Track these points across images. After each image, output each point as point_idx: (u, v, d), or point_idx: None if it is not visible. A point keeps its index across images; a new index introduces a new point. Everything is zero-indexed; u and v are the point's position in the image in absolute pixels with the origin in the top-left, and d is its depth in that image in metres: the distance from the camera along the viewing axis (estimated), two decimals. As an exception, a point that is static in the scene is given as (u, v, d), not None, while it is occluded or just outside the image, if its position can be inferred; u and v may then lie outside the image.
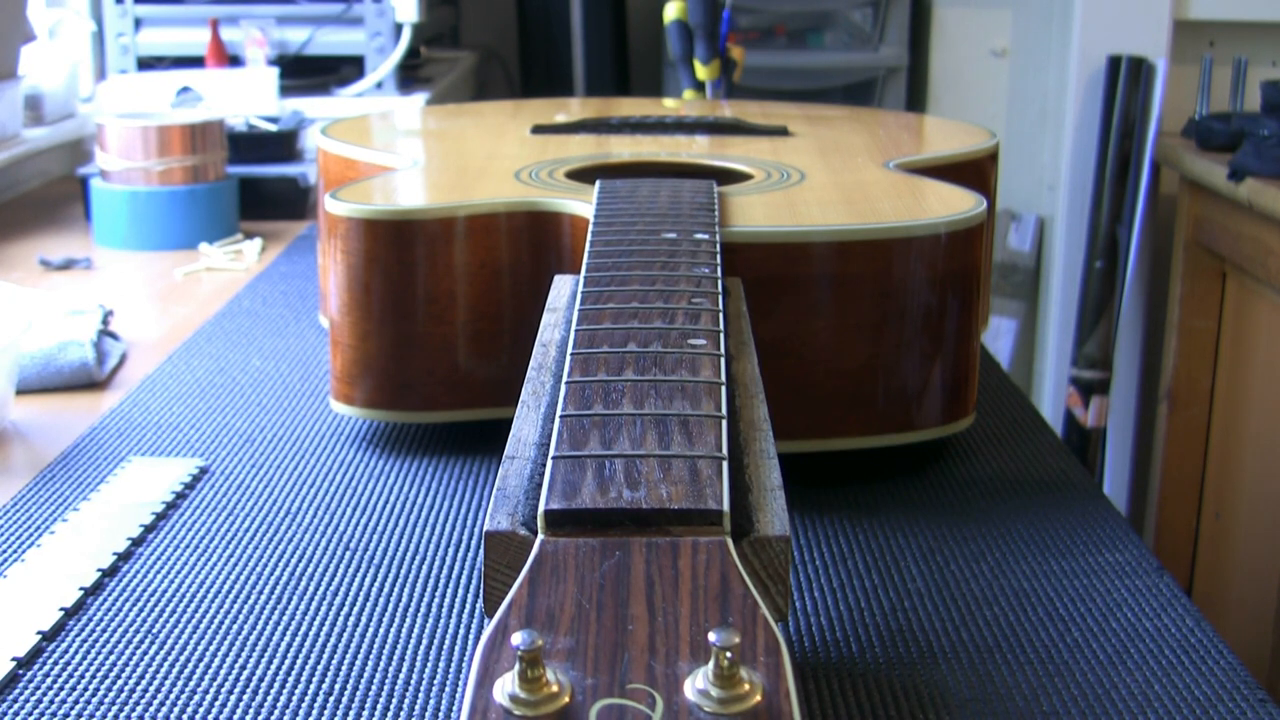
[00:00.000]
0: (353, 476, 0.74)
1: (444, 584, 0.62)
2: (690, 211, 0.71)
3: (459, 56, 2.35)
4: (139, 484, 0.72)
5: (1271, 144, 1.71)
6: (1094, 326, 2.20)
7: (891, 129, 1.07)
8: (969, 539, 0.67)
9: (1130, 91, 2.15)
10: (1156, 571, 0.63)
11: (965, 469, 0.76)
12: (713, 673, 0.31)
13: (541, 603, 0.35)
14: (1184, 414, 2.02)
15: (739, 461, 0.47)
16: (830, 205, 0.76)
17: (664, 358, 0.51)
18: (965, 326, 0.74)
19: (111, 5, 1.76)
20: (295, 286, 1.13)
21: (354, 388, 0.76)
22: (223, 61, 1.74)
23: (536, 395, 0.53)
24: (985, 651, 0.56)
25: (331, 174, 0.94)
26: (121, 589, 0.61)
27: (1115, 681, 0.54)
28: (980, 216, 0.74)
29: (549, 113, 1.10)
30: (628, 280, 0.60)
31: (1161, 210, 2.18)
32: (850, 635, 0.58)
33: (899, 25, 2.47)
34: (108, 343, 0.95)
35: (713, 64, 1.39)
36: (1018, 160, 2.38)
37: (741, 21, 2.47)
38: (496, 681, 0.32)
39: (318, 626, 0.58)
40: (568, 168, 0.85)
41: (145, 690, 0.53)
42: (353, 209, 0.75)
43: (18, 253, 1.26)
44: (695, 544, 0.39)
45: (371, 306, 0.75)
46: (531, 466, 0.46)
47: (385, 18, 1.78)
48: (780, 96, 2.32)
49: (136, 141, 1.26)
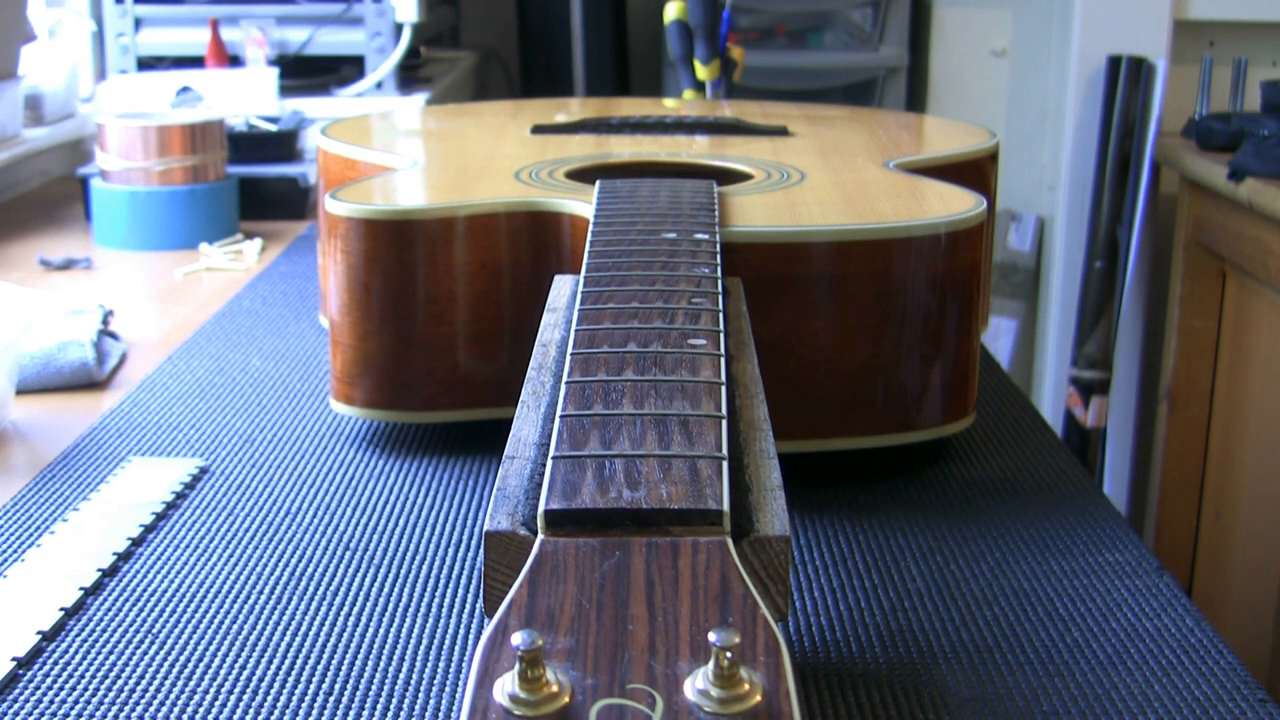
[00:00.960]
0: (353, 476, 0.74)
1: (444, 584, 0.62)
2: (690, 211, 0.71)
3: (459, 56, 2.35)
4: (139, 484, 0.72)
5: (1271, 144, 1.71)
6: (1094, 326, 2.20)
7: (891, 129, 1.07)
8: (969, 539, 0.67)
9: (1130, 91, 2.15)
10: (1156, 571, 0.63)
11: (965, 469, 0.76)
12: (713, 673, 0.31)
13: (541, 603, 0.35)
14: (1184, 414, 2.02)
15: (739, 461, 0.47)
16: (830, 205, 0.76)
17: (664, 358, 0.51)
18: (965, 326, 0.74)
19: (111, 5, 1.76)
20: (295, 286, 1.13)
21: (354, 388, 0.76)
22: (223, 61, 1.74)
23: (536, 395, 0.53)
24: (985, 651, 0.56)
25: (331, 174, 0.94)
26: (121, 589, 0.61)
27: (1115, 682, 0.54)
28: (980, 216, 0.74)
29: (549, 113, 1.10)
30: (628, 280, 0.60)
31: (1161, 210, 2.18)
32: (850, 635, 0.58)
33: (899, 25, 2.47)
34: (108, 343, 0.95)
35: (713, 64, 1.39)
36: (1018, 160, 2.38)
37: (741, 21, 2.47)
38: (496, 681, 0.32)
39: (318, 626, 0.58)
40: (568, 168, 0.85)
41: (145, 690, 0.53)
42: (353, 209, 0.75)
43: (18, 253, 1.26)
44: (695, 544, 0.39)
45: (371, 306, 0.75)
46: (531, 466, 0.46)
47: (385, 18, 1.78)
48: (780, 96, 2.32)
49: (136, 141, 1.26)
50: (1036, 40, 2.39)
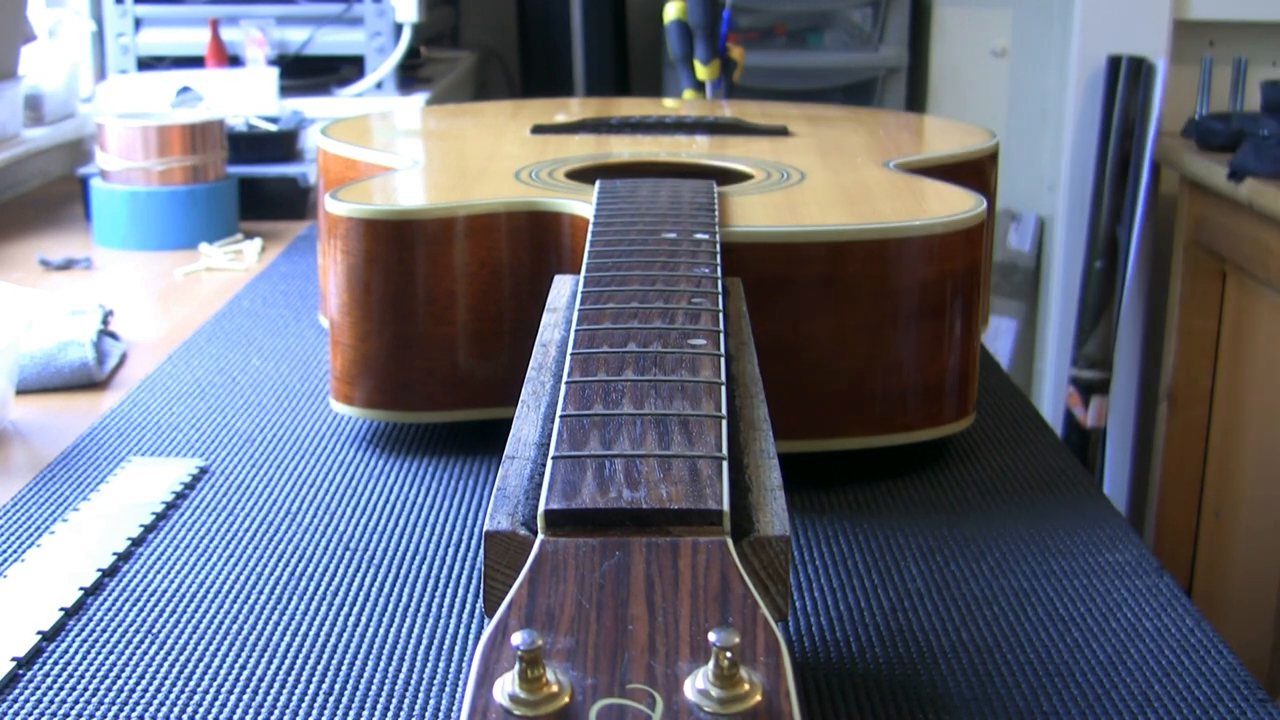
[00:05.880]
0: (353, 476, 0.74)
1: (444, 584, 0.62)
2: (690, 211, 0.71)
3: (459, 56, 2.35)
4: (139, 484, 0.72)
5: (1271, 144, 1.71)
6: (1094, 326, 2.20)
7: (891, 129, 1.07)
8: (969, 539, 0.67)
9: (1130, 91, 2.15)
10: (1156, 571, 0.63)
11: (965, 469, 0.76)
12: (713, 673, 0.31)
13: (541, 603, 0.35)
14: (1184, 414, 2.02)
15: (739, 461, 0.47)
16: (830, 205, 0.76)
17: (664, 358, 0.51)
18: (965, 326, 0.74)
19: (111, 5, 1.76)
20: (295, 286, 1.13)
21: (354, 388, 0.76)
22: (223, 61, 1.74)
23: (536, 395, 0.53)
24: (985, 651, 0.56)
25: (331, 174, 0.94)
26: (121, 589, 0.61)
27: (1115, 682, 0.54)
28: (980, 216, 0.74)
29: (549, 113, 1.10)
30: (628, 280, 0.60)
31: (1161, 210, 2.18)
32: (850, 635, 0.58)
33: (899, 25, 2.47)
34: (108, 343, 0.95)
35: (713, 64, 1.39)
36: (1018, 160, 2.38)
37: (741, 21, 2.47)
38: (496, 681, 0.32)
39: (318, 626, 0.58)
40: (568, 168, 0.85)
41: (145, 690, 0.53)
42: (353, 209, 0.75)
43: (18, 253, 1.26)
44: (695, 544, 0.39)
45: (371, 306, 0.75)
46: (531, 466, 0.46)
47: (385, 18, 1.78)
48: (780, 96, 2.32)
49: (136, 141, 1.26)
50: (1036, 40, 2.39)
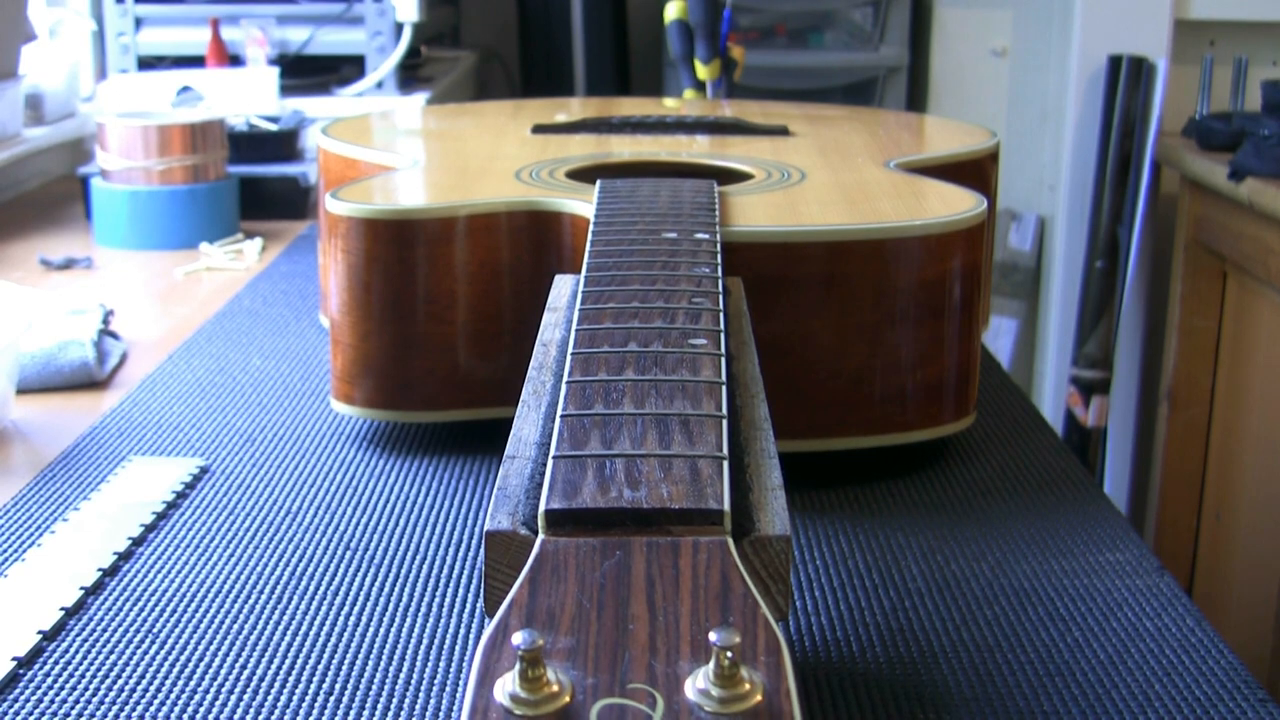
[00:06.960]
0: (353, 476, 0.74)
1: (444, 584, 0.62)
2: (691, 211, 0.71)
3: (459, 56, 2.35)
4: (139, 484, 0.72)
5: (1272, 144, 1.71)
6: (1094, 326, 2.20)
7: (892, 129, 1.07)
8: (969, 539, 0.67)
9: (1130, 91, 2.15)
10: (1157, 571, 0.63)
11: (965, 469, 0.76)
12: (713, 672, 0.31)
13: (542, 602, 0.35)
14: (1184, 414, 2.02)
15: (740, 461, 0.47)
16: (831, 205, 0.76)
17: (664, 357, 0.51)
18: (966, 326, 0.74)
19: (112, 5, 1.76)
20: (295, 286, 1.13)
21: (354, 387, 0.76)
22: (223, 61, 1.74)
23: (537, 395, 0.53)
24: (985, 651, 0.56)
25: (332, 173, 0.94)
26: (122, 588, 0.61)
27: (1115, 681, 0.54)
28: (980, 216, 0.74)
29: (549, 113, 1.10)
30: (628, 280, 0.60)
31: (1162, 210, 2.17)
32: (850, 635, 0.58)
33: (899, 25, 2.47)
34: (108, 342, 0.95)
35: (713, 64, 1.39)
36: (1018, 160, 2.38)
37: (742, 21, 2.46)
38: (497, 681, 0.32)
39: (318, 626, 0.58)
40: (568, 167, 0.85)
41: (145, 690, 0.53)
42: (353, 208, 0.75)
43: (18, 252, 1.26)
44: (696, 543, 0.39)
45: (372, 306, 0.75)
46: (532, 466, 0.46)
47: (385, 17, 1.78)
48: (780, 96, 2.32)
49: (137, 141, 1.26)
50: (1036, 40, 2.39)
